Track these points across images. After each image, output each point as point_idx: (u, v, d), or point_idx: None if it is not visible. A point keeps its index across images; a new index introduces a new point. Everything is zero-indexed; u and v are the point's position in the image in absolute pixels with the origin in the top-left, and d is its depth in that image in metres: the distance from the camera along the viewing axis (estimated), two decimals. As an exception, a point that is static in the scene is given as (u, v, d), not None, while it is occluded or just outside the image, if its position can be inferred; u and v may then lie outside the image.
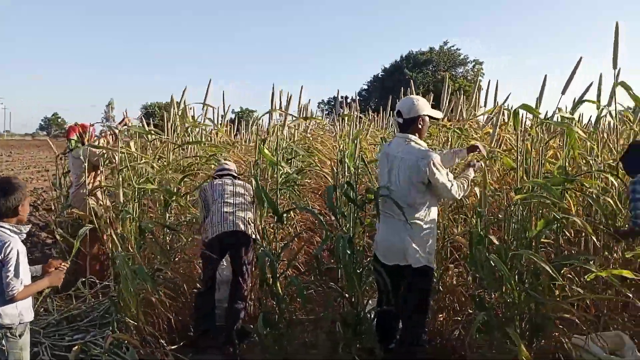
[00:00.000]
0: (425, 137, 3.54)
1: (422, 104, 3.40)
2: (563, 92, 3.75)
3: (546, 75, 3.73)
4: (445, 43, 49.02)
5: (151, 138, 4.59)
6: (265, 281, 3.62)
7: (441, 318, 4.00)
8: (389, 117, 6.78)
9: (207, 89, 5.25)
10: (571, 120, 3.71)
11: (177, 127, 4.72)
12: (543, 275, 3.32)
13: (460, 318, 3.95)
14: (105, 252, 4.96)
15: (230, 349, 3.84)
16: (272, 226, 4.37)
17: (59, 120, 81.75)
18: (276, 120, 4.56)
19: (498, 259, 3.17)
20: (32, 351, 3.11)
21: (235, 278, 4.04)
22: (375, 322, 3.67)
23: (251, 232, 4.06)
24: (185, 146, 4.79)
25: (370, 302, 3.83)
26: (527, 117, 4.48)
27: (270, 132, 4.55)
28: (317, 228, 4.82)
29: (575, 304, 3.52)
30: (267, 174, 4.40)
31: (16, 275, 2.49)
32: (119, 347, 3.48)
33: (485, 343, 3.48)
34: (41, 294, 3.94)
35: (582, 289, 3.50)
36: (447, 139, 4.65)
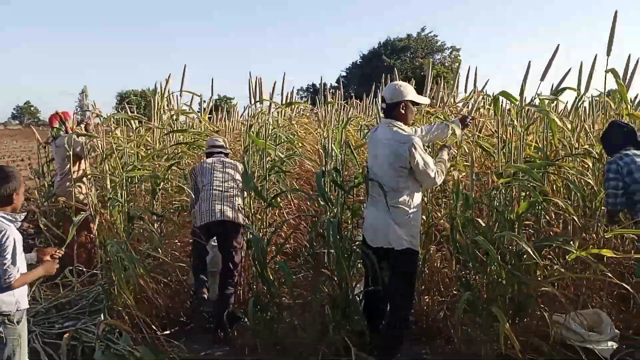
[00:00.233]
0: (410, 123, 3.59)
1: (406, 90, 3.43)
2: (542, 79, 3.85)
3: (530, 61, 3.80)
4: (422, 30, 49.22)
5: (136, 125, 4.57)
6: (255, 266, 3.68)
7: (427, 299, 4.11)
8: (372, 105, 6.83)
9: (183, 77, 5.03)
10: (550, 105, 3.84)
11: (163, 115, 4.69)
12: (525, 256, 3.45)
13: (445, 299, 4.08)
14: (92, 241, 4.95)
15: (221, 334, 3.89)
16: (261, 212, 4.40)
17: (32, 108, 79.76)
18: (256, 108, 4.54)
19: (485, 241, 3.28)
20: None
21: (224, 265, 4.08)
22: (363, 305, 3.76)
23: (240, 219, 4.09)
24: (171, 134, 4.76)
25: (358, 285, 3.92)
26: (508, 104, 4.59)
27: (255, 119, 4.56)
28: (304, 214, 4.88)
29: (555, 284, 3.65)
30: (255, 160, 4.42)
31: (13, 263, 2.50)
32: (111, 334, 3.50)
33: (470, 323, 3.60)
34: (33, 284, 3.93)
35: (562, 269, 3.64)
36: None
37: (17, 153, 21.77)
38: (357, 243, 3.85)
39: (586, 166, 4.26)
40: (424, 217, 3.99)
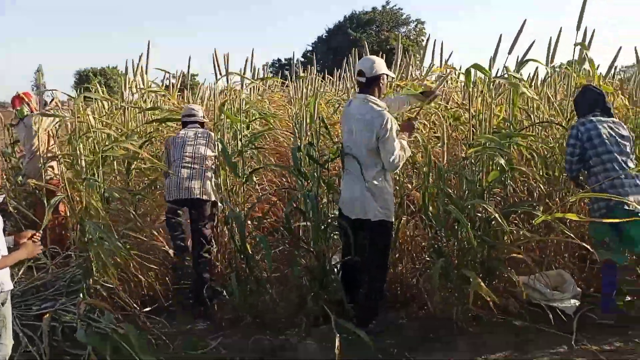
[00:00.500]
0: (382, 97, 3.67)
1: (381, 63, 3.54)
2: (509, 52, 3.97)
3: (501, 34, 3.92)
4: (387, 3, 49.00)
5: (107, 105, 4.48)
6: (234, 242, 3.74)
7: (400, 268, 4.25)
8: (344, 80, 6.84)
9: (147, 53, 4.87)
10: (518, 78, 3.96)
11: (134, 93, 4.61)
12: (494, 222, 3.62)
13: (417, 267, 4.22)
14: (61, 223, 4.88)
15: (201, 309, 3.95)
16: (236, 188, 4.42)
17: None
18: (225, 84, 4.50)
19: (456, 210, 3.41)
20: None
21: (195, 240, 4.11)
22: (340, 276, 3.87)
23: (209, 195, 4.06)
24: (143, 112, 4.69)
25: (335, 257, 4.03)
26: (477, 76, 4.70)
27: (228, 95, 4.54)
28: (280, 188, 4.93)
29: (522, 247, 3.83)
30: (229, 136, 4.42)
31: None
32: (92, 313, 3.52)
33: (442, 287, 3.76)
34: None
35: (528, 233, 3.81)
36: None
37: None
38: (333, 216, 3.94)
39: (553, 135, 4.43)
40: (397, 188, 4.09)
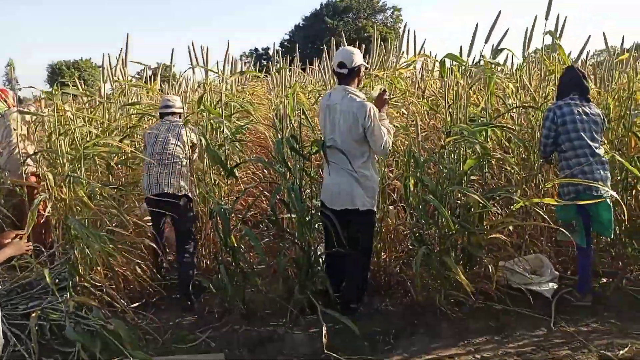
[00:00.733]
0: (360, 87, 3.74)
1: (359, 54, 3.62)
2: (486, 41, 4.05)
3: (477, 23, 3.98)
4: (363, -11, 48.85)
5: (86, 100, 4.43)
6: (219, 235, 3.77)
7: (384, 256, 4.33)
8: (322, 70, 6.86)
9: (127, 45, 4.75)
10: (494, 66, 4.06)
11: (114, 88, 4.56)
12: (473, 208, 3.72)
13: (400, 255, 4.32)
14: (41, 221, 4.82)
15: (188, 303, 3.98)
16: (219, 182, 4.44)
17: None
18: (202, 77, 4.49)
19: (434, 198, 3.50)
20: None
21: (175, 235, 4.17)
22: (325, 266, 3.94)
23: (184, 190, 4.07)
24: (123, 108, 4.64)
25: (319, 247, 4.09)
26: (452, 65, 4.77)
27: (208, 88, 4.54)
28: (263, 181, 4.96)
29: (501, 232, 3.94)
30: (207, 130, 4.42)
31: None
32: (79, 310, 3.52)
33: (425, 275, 3.85)
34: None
35: (507, 218, 3.93)
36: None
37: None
38: (316, 207, 4.00)
39: (527, 121, 4.54)
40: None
